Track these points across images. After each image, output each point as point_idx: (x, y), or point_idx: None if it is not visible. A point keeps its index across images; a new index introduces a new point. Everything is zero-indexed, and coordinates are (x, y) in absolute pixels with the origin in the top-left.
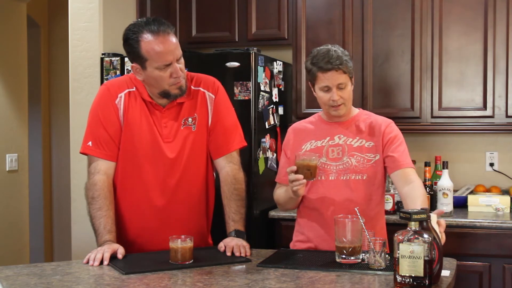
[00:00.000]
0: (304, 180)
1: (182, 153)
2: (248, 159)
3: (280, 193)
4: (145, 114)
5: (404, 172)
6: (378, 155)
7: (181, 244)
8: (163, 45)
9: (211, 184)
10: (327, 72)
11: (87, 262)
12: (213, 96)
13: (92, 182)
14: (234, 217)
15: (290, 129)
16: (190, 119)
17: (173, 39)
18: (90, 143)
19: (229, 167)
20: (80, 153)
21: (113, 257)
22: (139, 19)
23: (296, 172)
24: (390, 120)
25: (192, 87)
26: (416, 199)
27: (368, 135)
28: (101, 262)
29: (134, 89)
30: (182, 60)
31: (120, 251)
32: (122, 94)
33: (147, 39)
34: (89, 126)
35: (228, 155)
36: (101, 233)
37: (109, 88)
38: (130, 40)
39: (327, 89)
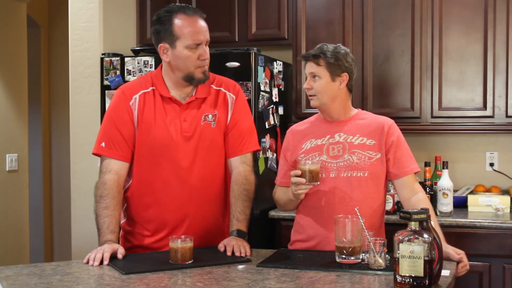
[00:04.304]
0: (310, 185)
1: (201, 148)
2: None
3: (280, 194)
4: (163, 110)
5: (408, 180)
6: (380, 154)
7: (181, 244)
8: (196, 24)
9: (229, 181)
10: (306, 62)
11: (87, 262)
12: (234, 97)
13: (102, 181)
14: (238, 216)
15: (288, 132)
16: (210, 116)
17: (205, 24)
18: (103, 144)
19: (242, 168)
20: (93, 154)
21: (113, 257)
22: (171, 4)
23: (299, 177)
24: (392, 120)
25: (214, 87)
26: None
27: (369, 133)
28: (101, 262)
29: (150, 90)
30: (208, 48)
31: (120, 251)
32: (137, 96)
33: (181, 18)
34: (102, 128)
35: (243, 155)
36: (104, 232)
37: (124, 91)
38: (163, 18)
39: (306, 78)
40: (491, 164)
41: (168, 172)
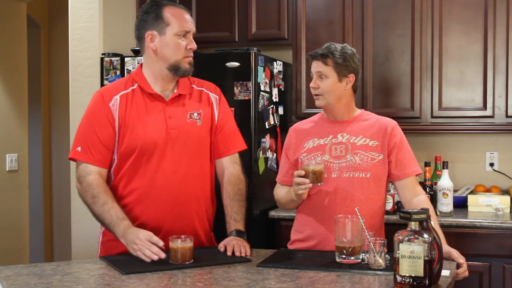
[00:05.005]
0: (310, 184)
1: (187, 145)
2: (248, 159)
3: (281, 193)
4: (147, 108)
5: (410, 182)
6: (382, 155)
7: (181, 244)
8: (185, 14)
9: (214, 182)
10: (312, 60)
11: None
12: (217, 97)
13: (86, 184)
14: (235, 216)
15: (290, 130)
16: (195, 114)
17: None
18: (79, 148)
19: (233, 168)
20: (69, 158)
21: (114, 257)
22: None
23: (303, 177)
24: (395, 122)
25: (195, 87)
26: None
27: (372, 134)
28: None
29: (130, 90)
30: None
31: (155, 240)
32: (117, 97)
33: (170, 7)
34: (79, 132)
35: (233, 155)
36: (117, 223)
37: (103, 94)
38: (150, 9)
39: (312, 77)
40: (491, 164)
41: (153, 171)
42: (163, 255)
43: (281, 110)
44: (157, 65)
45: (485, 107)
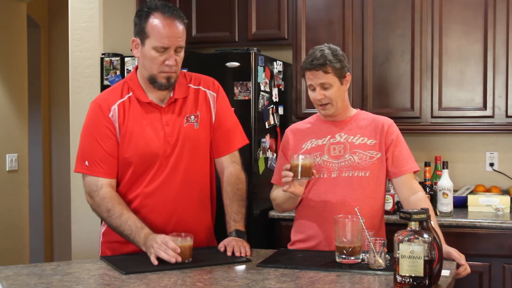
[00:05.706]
0: (290, 178)
1: (185, 151)
2: (248, 159)
3: (277, 193)
4: (144, 117)
5: (407, 179)
6: (380, 153)
7: (181, 242)
8: (168, 28)
9: (214, 182)
10: (310, 72)
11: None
12: (215, 94)
13: (99, 198)
14: (235, 217)
15: (287, 131)
16: (192, 117)
17: (181, 28)
18: (86, 162)
19: (232, 167)
20: (75, 172)
21: (114, 257)
22: (155, 1)
23: (289, 171)
24: (391, 120)
25: (192, 86)
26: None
27: (370, 132)
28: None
29: (126, 98)
30: (182, 54)
31: (171, 245)
32: (115, 106)
33: (157, 17)
34: (84, 146)
35: (231, 154)
36: (137, 233)
37: (100, 104)
38: (142, 12)
39: (313, 88)
40: (491, 164)
41: (153, 178)
42: (179, 258)
43: (281, 110)
44: (141, 72)
45: (485, 107)
